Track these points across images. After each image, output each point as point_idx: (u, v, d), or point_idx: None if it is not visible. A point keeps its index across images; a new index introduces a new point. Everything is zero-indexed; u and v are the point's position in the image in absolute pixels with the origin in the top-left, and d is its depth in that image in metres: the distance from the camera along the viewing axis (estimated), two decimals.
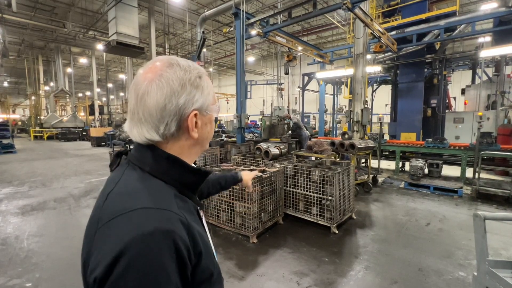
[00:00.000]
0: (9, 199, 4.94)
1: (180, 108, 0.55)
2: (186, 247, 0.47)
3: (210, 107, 0.61)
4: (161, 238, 0.44)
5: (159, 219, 0.47)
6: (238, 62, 6.32)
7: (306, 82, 12.69)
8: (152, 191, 0.52)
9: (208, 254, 0.55)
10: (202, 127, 0.60)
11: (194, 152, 0.62)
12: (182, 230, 0.48)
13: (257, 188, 3.13)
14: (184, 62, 0.59)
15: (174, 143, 0.58)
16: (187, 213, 0.53)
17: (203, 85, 0.59)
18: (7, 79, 30.26)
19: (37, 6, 14.38)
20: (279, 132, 6.60)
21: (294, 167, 3.76)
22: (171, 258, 0.44)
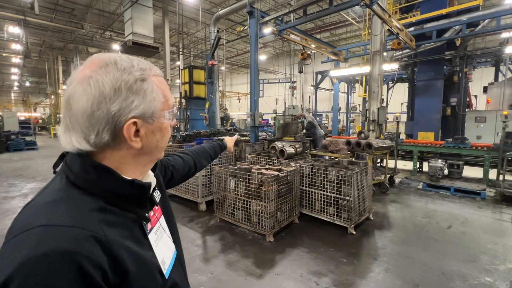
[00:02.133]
0: (34, 194, 5.14)
1: (114, 115, 0.48)
2: (98, 266, 0.42)
3: (158, 114, 0.54)
4: (57, 260, 0.39)
5: (59, 238, 0.41)
6: (252, 61, 6.32)
7: (319, 80, 12.53)
8: (64, 203, 0.46)
9: (145, 274, 0.50)
10: (148, 135, 0.54)
11: (141, 163, 0.56)
12: (91, 248, 0.42)
13: (274, 187, 3.13)
14: (125, 63, 0.51)
15: (112, 153, 0.52)
16: (110, 228, 0.47)
17: (145, 88, 0.52)
18: (29, 79, 31.59)
19: (57, 8, 14.89)
20: (293, 130, 6.55)
21: (310, 166, 3.73)
22: (71, 283, 0.39)
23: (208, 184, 4.26)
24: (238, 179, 3.46)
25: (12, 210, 4.24)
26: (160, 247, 0.60)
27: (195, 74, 9.98)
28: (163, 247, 0.61)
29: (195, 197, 4.22)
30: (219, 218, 3.72)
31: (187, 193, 4.38)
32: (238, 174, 3.43)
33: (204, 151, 1.14)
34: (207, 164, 1.16)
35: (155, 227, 0.60)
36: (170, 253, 0.64)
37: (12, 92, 35.92)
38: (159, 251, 0.58)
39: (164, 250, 0.61)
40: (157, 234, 0.61)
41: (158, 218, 0.63)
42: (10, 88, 34.64)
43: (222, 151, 1.26)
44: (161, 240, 0.61)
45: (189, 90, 9.90)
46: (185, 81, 10.21)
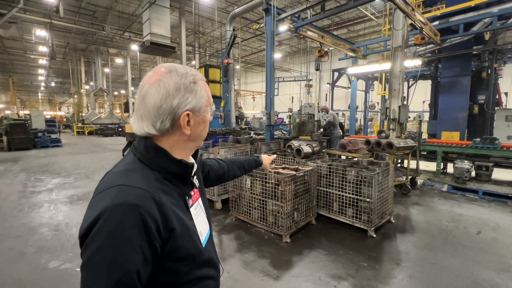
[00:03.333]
0: (59, 189, 5.40)
1: (174, 108, 0.64)
2: (154, 220, 0.56)
3: (203, 109, 0.70)
4: (126, 209, 0.54)
5: (128, 194, 0.56)
6: (268, 59, 6.25)
7: (336, 78, 12.25)
8: (132, 172, 0.63)
9: (187, 236, 0.64)
10: (195, 125, 0.70)
11: (188, 147, 0.73)
12: (151, 205, 0.57)
13: (291, 187, 3.06)
14: (182, 70, 0.68)
15: (169, 137, 0.68)
16: (164, 195, 0.62)
17: (196, 89, 0.68)
18: (54, 80, 33.23)
19: (80, 11, 15.51)
20: (309, 129, 6.43)
21: (328, 166, 3.62)
22: (134, 227, 0.54)
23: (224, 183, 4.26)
24: (254, 178, 3.42)
25: (39, 204, 4.45)
26: (199, 221, 0.73)
27: (211, 73, 10.06)
28: (201, 222, 0.75)
29: (210, 195, 4.23)
30: (235, 217, 3.70)
31: None
32: (254, 173, 3.39)
33: (238, 162, 1.26)
34: (240, 174, 1.28)
35: (195, 204, 0.75)
36: (206, 229, 0.77)
37: (40, 92, 37.96)
38: (198, 224, 0.72)
39: (201, 225, 0.74)
40: (196, 210, 0.75)
41: (197, 198, 0.78)
42: (38, 88, 36.63)
43: (257, 167, 1.37)
44: (199, 216, 0.75)
45: None
46: None
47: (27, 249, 2.95)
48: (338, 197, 3.53)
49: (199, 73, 0.72)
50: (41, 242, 3.12)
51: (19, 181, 6.01)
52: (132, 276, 0.53)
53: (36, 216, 3.93)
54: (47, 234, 3.34)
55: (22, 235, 3.31)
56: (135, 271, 0.54)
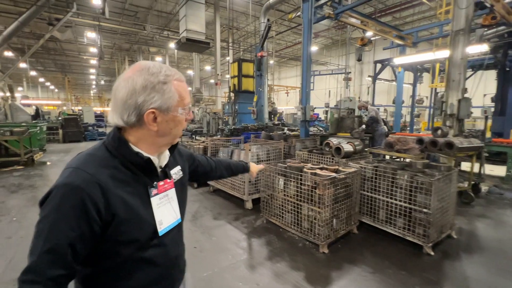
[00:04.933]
0: None
1: (139, 104, 0.69)
2: (94, 203, 0.64)
3: (173, 108, 0.72)
4: (69, 190, 0.64)
5: (76, 177, 0.65)
6: (305, 50, 5.81)
7: (378, 70, 11.23)
8: (91, 157, 0.71)
9: (134, 222, 0.70)
10: (163, 123, 0.73)
11: (156, 142, 0.76)
12: (94, 190, 0.65)
13: (330, 191, 2.68)
14: (155, 69, 0.71)
15: (136, 131, 0.73)
16: (115, 181, 0.69)
17: (165, 89, 0.70)
18: (103, 78, 36.32)
19: (124, 12, 16.48)
20: (349, 126, 5.87)
21: (374, 168, 3.15)
22: (73, 206, 0.63)
23: (255, 181, 4.01)
24: (288, 178, 3.10)
25: None
26: (161, 210, 0.77)
27: (244, 67, 9.87)
28: (164, 212, 0.78)
29: (241, 194, 4.02)
30: (266, 219, 3.44)
31: (233, 189, 4.21)
32: (288, 173, 3.07)
33: (226, 163, 1.31)
34: (226, 176, 1.32)
35: (161, 194, 0.78)
36: (171, 219, 0.81)
37: (91, 90, 41.92)
38: (158, 213, 0.76)
39: (165, 214, 0.78)
40: (162, 200, 0.78)
41: (166, 189, 0.81)
42: (90, 86, 40.47)
43: (244, 172, 1.41)
44: (164, 206, 0.78)
45: (237, 83, 9.85)
46: (234, 75, 10.20)
47: None
48: (386, 205, 3.05)
49: (177, 73, 0.74)
50: None
51: None
52: (64, 248, 0.61)
53: None
54: None
55: None
56: (67, 244, 0.61)
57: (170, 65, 25.46)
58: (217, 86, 14.45)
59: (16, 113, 14.04)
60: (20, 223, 3.46)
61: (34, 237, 0.62)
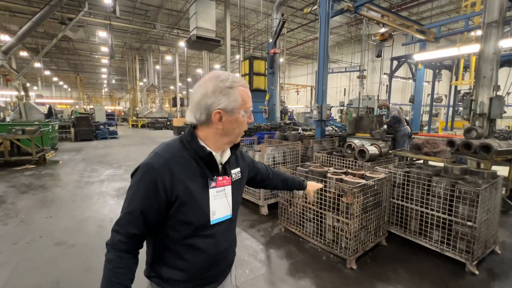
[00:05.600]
0: (109, 180, 5.56)
1: (209, 105, 0.82)
2: (163, 183, 0.78)
3: (236, 110, 0.84)
4: (149, 169, 0.80)
5: (155, 160, 0.81)
6: (321, 45, 5.50)
7: (395, 67, 10.76)
8: (168, 147, 0.86)
9: (191, 206, 0.82)
10: (227, 123, 0.84)
11: (221, 140, 0.88)
12: (165, 172, 0.79)
13: (359, 200, 2.40)
14: (224, 76, 0.83)
15: (205, 128, 0.87)
16: (182, 169, 0.82)
17: (230, 93, 0.82)
18: (114, 77, 36.81)
19: (135, 11, 16.47)
20: (368, 125, 5.54)
21: (405, 173, 2.84)
22: (148, 182, 0.79)
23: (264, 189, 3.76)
24: None
25: (90, 195, 4.56)
26: (216, 202, 0.89)
27: (255, 65, 9.61)
28: (219, 204, 0.89)
29: (256, 198, 3.78)
30: (284, 227, 3.18)
31: (247, 193, 3.97)
32: (310, 177, 2.81)
33: (283, 177, 1.33)
34: (280, 188, 1.35)
35: (218, 188, 0.90)
36: (224, 212, 0.92)
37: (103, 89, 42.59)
38: (213, 204, 0.88)
39: (218, 207, 0.89)
40: (218, 194, 0.90)
41: (224, 185, 0.92)
42: (101, 85, 41.11)
43: (299, 189, 1.41)
44: (219, 199, 0.90)
45: (249, 82, 9.60)
46: (245, 73, 9.95)
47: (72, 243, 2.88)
48: (419, 214, 2.74)
49: (242, 81, 0.87)
50: (85, 238, 3.04)
51: (77, 171, 6.41)
52: (137, 213, 0.79)
53: (88, 207, 3.97)
54: (92, 229, 3.28)
55: (70, 227, 3.30)
56: (139, 210, 0.79)
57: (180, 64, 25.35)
58: None
59: (30, 111, 14.26)
60: (28, 226, 3.33)
61: (125, 199, 0.83)
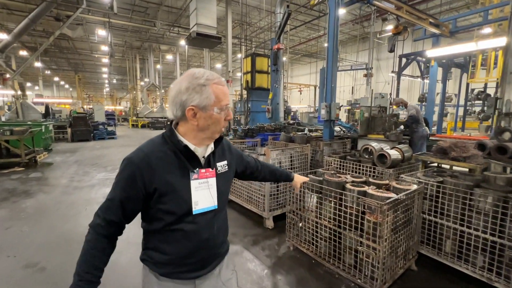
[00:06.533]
0: (100, 185, 5.14)
1: (183, 102, 0.87)
2: (141, 176, 0.85)
3: (209, 108, 0.88)
4: (129, 163, 0.87)
5: (136, 155, 0.88)
6: (331, 38, 5.04)
7: (403, 65, 10.28)
8: (150, 142, 0.93)
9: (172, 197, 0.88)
10: (201, 119, 0.89)
11: (199, 135, 0.93)
12: (144, 166, 0.86)
13: (389, 218, 1.94)
14: (199, 74, 0.88)
15: (183, 124, 0.93)
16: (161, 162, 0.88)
17: (203, 90, 0.87)
18: (115, 77, 36.50)
19: (134, 8, 16.09)
20: (381, 126, 5.07)
21: (438, 184, 2.38)
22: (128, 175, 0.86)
23: (276, 194, 3.31)
24: (323, 196, 2.38)
25: (77, 203, 4.14)
26: (199, 193, 0.93)
27: (258, 62, 9.16)
28: (201, 195, 0.94)
29: (260, 209, 3.32)
30: (293, 246, 2.73)
31: (249, 202, 3.53)
32: (324, 190, 2.35)
33: (271, 168, 1.39)
34: (269, 180, 1.42)
35: (201, 180, 0.94)
36: (207, 203, 0.95)
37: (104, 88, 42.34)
38: (195, 195, 0.92)
39: (201, 198, 0.94)
40: (200, 185, 0.94)
41: (207, 177, 0.96)
42: (103, 85, 40.85)
43: (287, 181, 1.47)
44: (202, 191, 0.94)
45: (251, 80, 9.15)
46: (247, 71, 9.51)
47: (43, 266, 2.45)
48: (456, 234, 2.29)
49: (218, 78, 0.90)
50: (61, 258, 2.61)
51: (68, 174, 6.00)
52: (116, 201, 0.87)
53: (69, 219, 3.55)
54: (71, 247, 2.85)
55: (47, 243, 2.87)
56: (118, 199, 0.87)
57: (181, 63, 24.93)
58: (228, 84, 13.83)
59: (27, 111, 13.90)
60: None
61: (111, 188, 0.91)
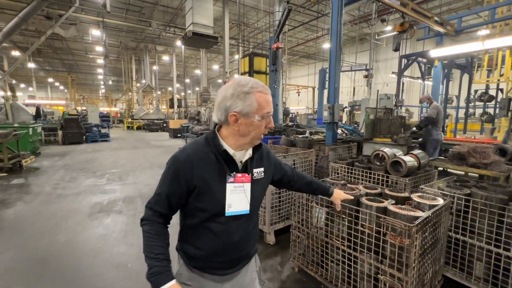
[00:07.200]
0: (86, 193, 4.76)
1: (227, 107, 0.91)
2: (184, 173, 0.93)
3: (251, 115, 0.91)
4: (174, 161, 0.95)
5: (181, 154, 0.96)
6: (334, 34, 4.75)
7: (404, 66, 10.03)
8: (194, 143, 0.99)
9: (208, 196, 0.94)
10: (242, 125, 0.92)
11: (239, 140, 0.96)
12: (187, 164, 0.93)
13: (418, 242, 1.61)
14: (244, 82, 0.91)
15: (226, 127, 0.97)
16: (202, 163, 0.94)
17: (246, 98, 0.90)
18: (111, 78, 35.98)
19: (129, 8, 15.73)
20: (387, 129, 4.77)
21: (466, 197, 2.06)
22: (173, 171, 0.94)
23: (278, 206, 2.97)
24: (334, 212, 2.05)
25: (57, 215, 3.75)
26: (233, 196, 0.97)
27: (256, 62, 8.85)
28: (235, 199, 0.98)
29: (260, 223, 2.98)
30: (298, 267, 2.39)
31: None
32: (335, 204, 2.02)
33: (308, 179, 1.37)
34: (305, 191, 1.41)
35: (236, 184, 0.98)
36: (240, 207, 1.00)
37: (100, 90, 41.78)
38: (230, 198, 0.97)
39: (235, 201, 0.98)
40: (235, 189, 0.98)
41: (243, 181, 1.00)
42: (98, 87, 40.29)
43: (324, 196, 1.44)
44: (237, 194, 0.98)
45: None
46: (244, 71, 9.19)
47: None
48: (487, 256, 1.97)
49: (263, 87, 0.93)
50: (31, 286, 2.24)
51: (54, 180, 5.61)
52: (163, 196, 0.95)
53: (45, 235, 3.17)
54: (40, 270, 2.48)
55: (11, 269, 2.50)
56: (165, 194, 0.95)
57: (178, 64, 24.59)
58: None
59: (17, 113, 13.42)
60: None
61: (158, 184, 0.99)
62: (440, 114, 4.45)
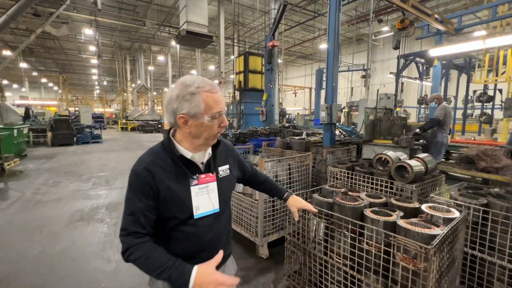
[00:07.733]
0: (68, 199, 4.45)
1: (174, 110, 0.89)
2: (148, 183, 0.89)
3: (199, 116, 0.88)
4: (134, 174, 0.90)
5: (138, 165, 0.91)
6: (331, 31, 4.51)
7: (402, 66, 9.86)
8: (150, 151, 0.96)
9: (173, 202, 0.92)
10: (192, 126, 0.90)
11: (193, 142, 0.94)
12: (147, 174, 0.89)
13: (436, 265, 1.35)
14: (189, 82, 0.88)
15: (179, 131, 0.95)
16: (161, 170, 0.91)
17: (192, 99, 0.87)
18: (106, 79, 35.48)
19: (122, 7, 15.40)
20: (387, 130, 4.54)
21: (484, 208, 1.82)
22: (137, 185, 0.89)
23: (272, 215, 2.70)
24: (336, 227, 1.79)
25: (32, 224, 3.44)
26: (200, 198, 0.96)
27: (251, 62, 8.60)
28: (202, 200, 0.97)
29: (251, 234, 2.70)
30: (293, 286, 2.12)
31: (239, 224, 2.90)
32: (337, 219, 1.76)
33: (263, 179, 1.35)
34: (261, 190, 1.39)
35: (201, 185, 0.97)
36: (208, 207, 0.98)
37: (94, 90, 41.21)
38: (196, 200, 0.95)
39: (202, 202, 0.97)
40: (201, 190, 0.97)
41: (207, 182, 0.99)
42: (93, 87, 39.73)
43: (280, 199, 1.38)
44: (203, 195, 0.97)
45: (243, 80, 8.57)
46: (239, 71, 8.93)
47: None
48: (507, 275, 1.72)
49: (210, 86, 0.90)
50: None
51: (36, 184, 5.28)
52: (137, 212, 0.87)
53: (13, 249, 2.86)
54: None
55: None
56: (138, 209, 0.87)
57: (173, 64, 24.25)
58: (221, 85, 13.21)
59: (6, 113, 13.03)
60: None
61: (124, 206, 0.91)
62: (448, 116, 4.20)
